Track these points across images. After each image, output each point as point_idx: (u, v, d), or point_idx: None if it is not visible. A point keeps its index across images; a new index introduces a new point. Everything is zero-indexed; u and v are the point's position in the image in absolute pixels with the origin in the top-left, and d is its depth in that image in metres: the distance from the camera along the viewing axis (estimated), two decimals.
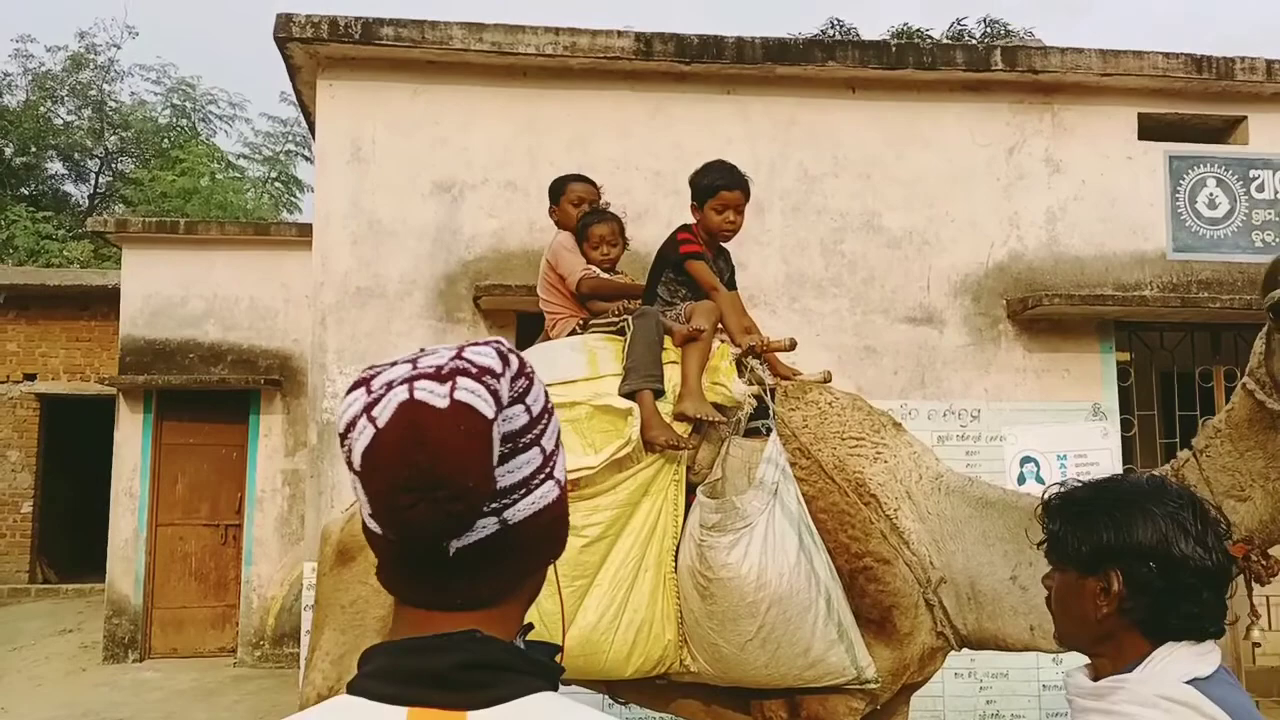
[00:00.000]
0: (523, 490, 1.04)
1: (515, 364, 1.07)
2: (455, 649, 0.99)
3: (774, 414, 3.39)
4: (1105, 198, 7.22)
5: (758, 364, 3.53)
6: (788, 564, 3.11)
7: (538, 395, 1.09)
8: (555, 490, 1.07)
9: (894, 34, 19.86)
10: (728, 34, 6.94)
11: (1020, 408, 6.98)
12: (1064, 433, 6.91)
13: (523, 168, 6.76)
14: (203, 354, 10.61)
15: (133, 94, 24.53)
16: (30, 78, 23.00)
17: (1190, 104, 7.39)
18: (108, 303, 12.23)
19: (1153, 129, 7.37)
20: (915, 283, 7.05)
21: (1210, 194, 7.32)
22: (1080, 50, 7.12)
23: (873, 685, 3.20)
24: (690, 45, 6.88)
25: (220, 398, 10.55)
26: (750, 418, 3.41)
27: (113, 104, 23.78)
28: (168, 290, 10.62)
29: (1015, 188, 7.19)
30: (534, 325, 4.71)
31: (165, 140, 23.59)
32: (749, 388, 3.42)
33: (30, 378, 13.76)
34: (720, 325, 3.61)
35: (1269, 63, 7.26)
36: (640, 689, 3.47)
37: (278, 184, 24.14)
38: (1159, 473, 3.26)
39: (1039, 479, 6.79)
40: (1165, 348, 7.33)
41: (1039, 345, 7.07)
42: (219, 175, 22.43)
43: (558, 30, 6.79)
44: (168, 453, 10.60)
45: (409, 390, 0.98)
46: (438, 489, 0.95)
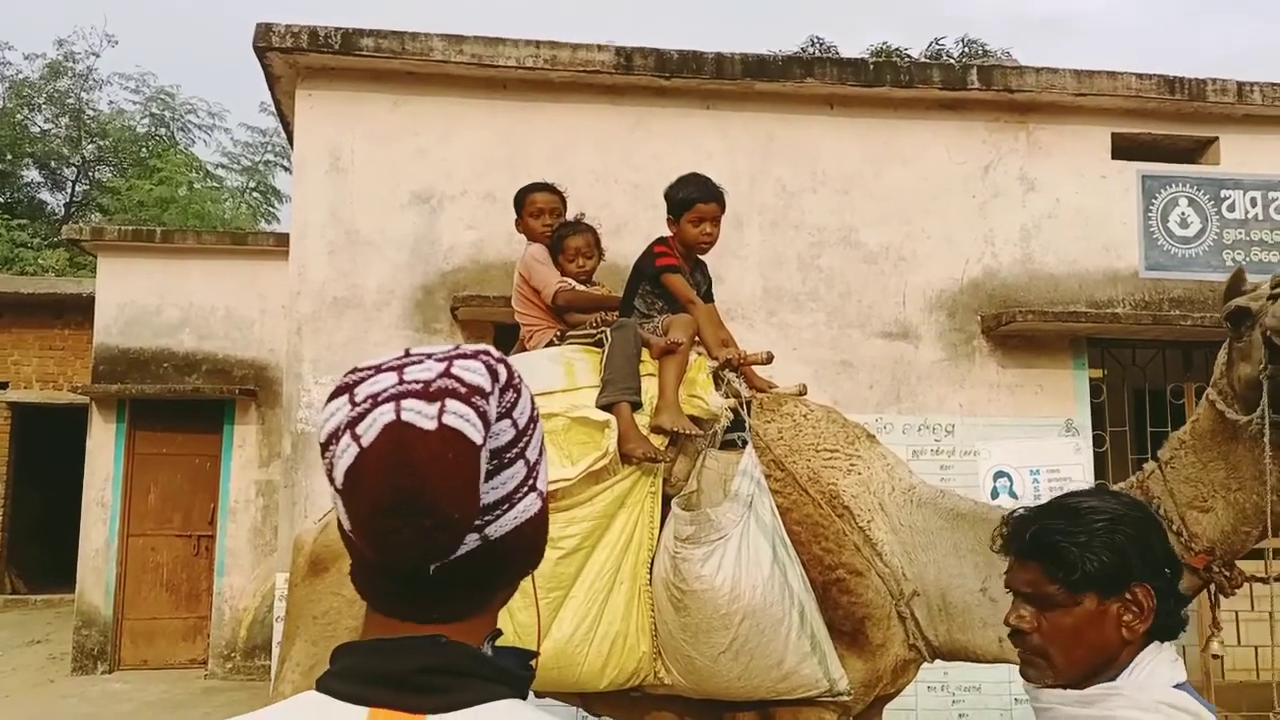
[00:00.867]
0: (506, 505, 1.02)
1: (504, 377, 1.05)
2: (418, 653, 0.99)
3: (750, 427, 3.41)
4: (1079, 216, 7.30)
5: (734, 377, 3.54)
6: (761, 576, 3.12)
7: (524, 407, 1.07)
8: (538, 502, 1.06)
9: (873, 53, 20.02)
10: (708, 50, 7.00)
11: (994, 423, 7.03)
12: (1037, 448, 6.96)
13: (502, 179, 6.75)
14: (177, 363, 10.54)
15: (111, 103, 24.40)
16: (7, 85, 22.86)
17: (1163, 124, 7.49)
18: (82, 311, 12.14)
19: (1126, 148, 7.46)
20: (891, 298, 7.10)
21: (1182, 213, 7.41)
22: (1055, 70, 7.21)
23: (845, 697, 3.21)
24: (670, 60, 6.92)
25: (194, 407, 10.47)
26: (726, 430, 3.42)
27: (91, 112, 23.65)
28: (143, 299, 10.55)
29: (990, 205, 7.26)
30: (511, 336, 4.70)
31: (143, 149, 23.47)
32: (726, 400, 3.43)
33: (2, 386, 13.62)
34: (697, 338, 3.62)
35: (1240, 85, 7.37)
36: (614, 701, 3.46)
37: (256, 194, 24.07)
38: (1123, 485, 3.30)
39: (1012, 494, 6.84)
40: (1137, 365, 7.41)
41: (1013, 361, 7.13)
42: (197, 185, 22.34)
43: (538, 43, 6.82)
44: (140, 462, 10.51)
45: (395, 409, 0.96)
46: (423, 516, 0.94)
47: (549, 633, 3.16)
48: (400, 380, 0.99)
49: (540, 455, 1.09)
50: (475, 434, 0.96)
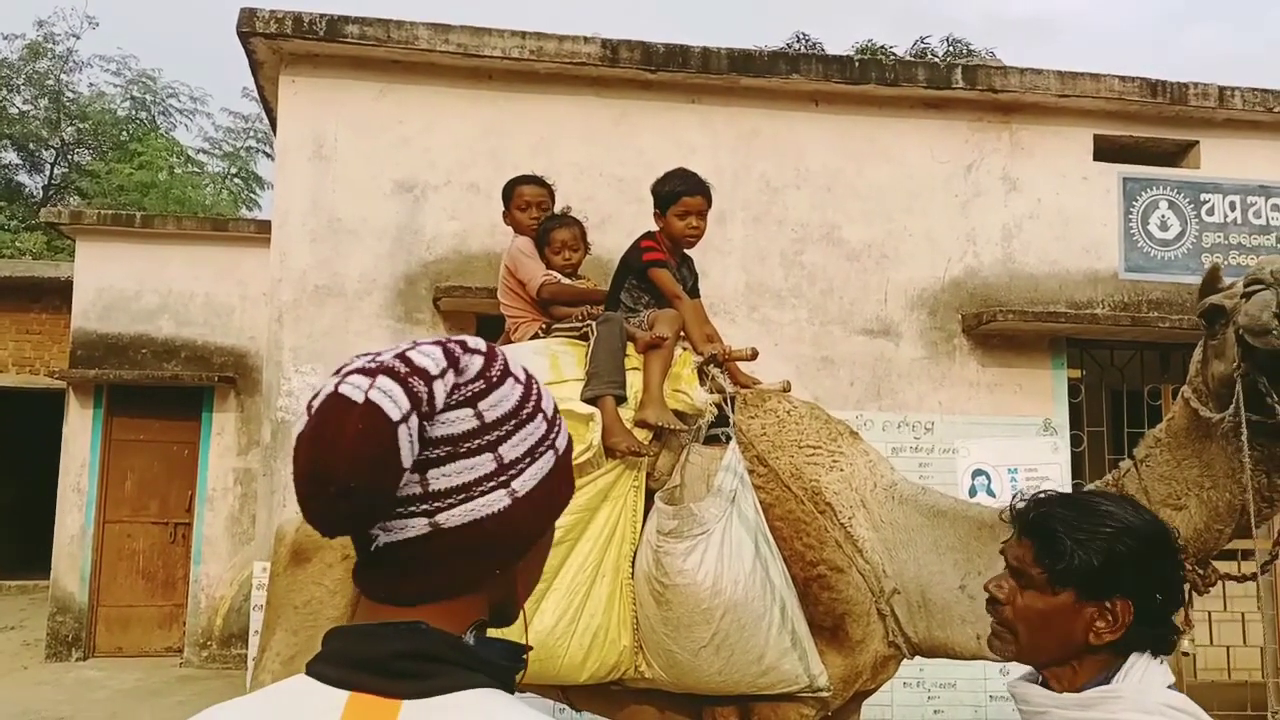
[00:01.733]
0: (461, 496, 1.03)
1: (473, 366, 1.06)
2: (397, 639, 1.00)
3: (733, 422, 3.42)
4: (1060, 217, 7.35)
5: (719, 372, 3.56)
6: (743, 571, 3.13)
7: (500, 401, 1.07)
8: (505, 500, 1.05)
9: (858, 50, 20.06)
10: (694, 44, 6.99)
11: (973, 421, 7.07)
12: (1015, 447, 7.00)
13: (486, 170, 6.74)
14: (156, 349, 10.47)
15: (91, 85, 24.19)
16: None
17: (1145, 127, 7.54)
18: (60, 295, 12.03)
19: (1108, 150, 7.51)
20: (873, 295, 7.13)
21: (1162, 216, 7.47)
22: (1039, 71, 7.25)
23: (825, 693, 3.23)
24: (656, 53, 6.91)
25: (173, 394, 10.41)
26: (711, 425, 3.43)
27: (70, 94, 23.42)
28: (122, 284, 10.47)
29: (972, 205, 7.29)
30: (494, 327, 4.70)
31: (124, 133, 23.27)
32: (710, 396, 3.45)
33: None
34: (682, 333, 3.63)
35: (1221, 89, 7.43)
36: (595, 695, 3.47)
37: (237, 180, 23.93)
38: (1099, 483, 3.33)
39: (990, 492, 6.88)
40: (1115, 365, 7.47)
41: (992, 360, 7.17)
42: (178, 169, 22.19)
43: (524, 34, 6.80)
44: (117, 449, 10.44)
45: (339, 383, 1.00)
46: (329, 484, 0.97)
47: (531, 624, 3.17)
48: (368, 360, 1.03)
49: (528, 458, 1.08)
50: (394, 410, 0.98)
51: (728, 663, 3.15)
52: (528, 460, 1.08)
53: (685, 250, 3.92)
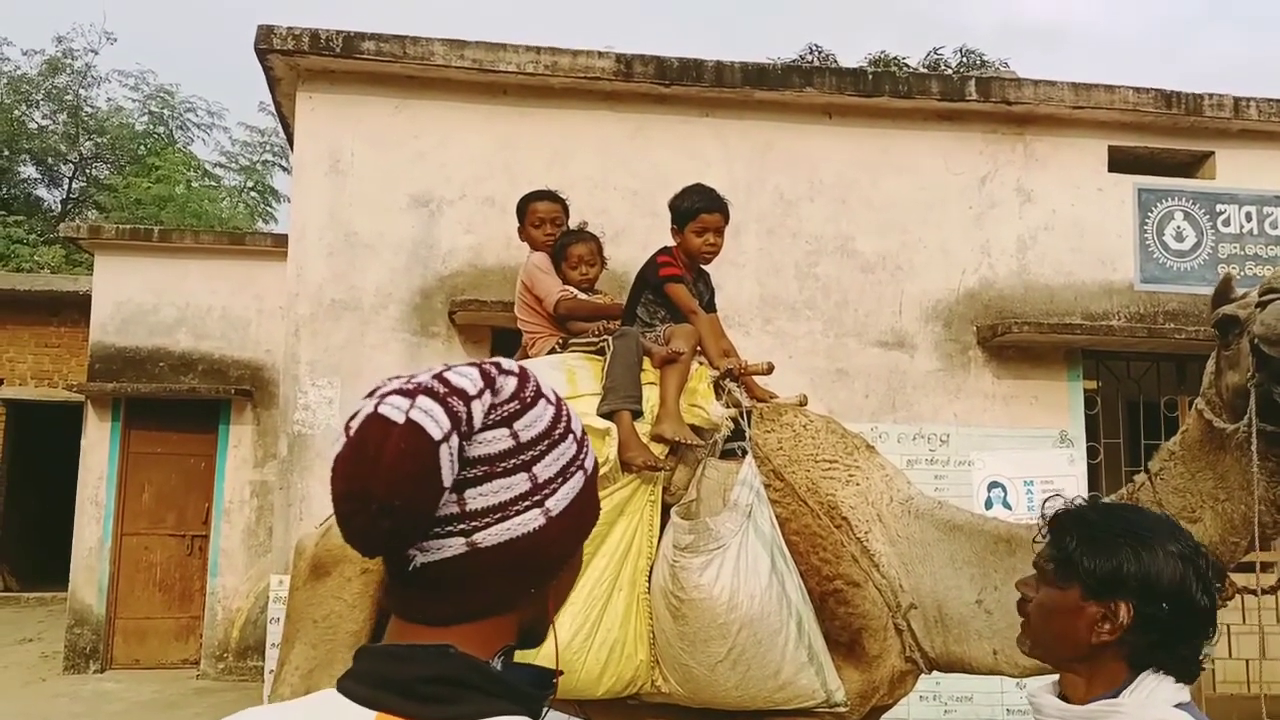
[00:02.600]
0: (498, 515, 1.04)
1: (508, 387, 1.08)
2: (424, 663, 1.01)
3: (749, 436, 3.42)
4: (1075, 228, 7.34)
5: (735, 387, 3.56)
6: (759, 586, 3.14)
7: (534, 421, 1.08)
8: (540, 519, 1.06)
9: (871, 61, 20.06)
10: (707, 58, 7.02)
11: (988, 433, 7.06)
12: (1031, 459, 6.99)
13: (501, 184, 6.78)
14: (173, 363, 10.54)
15: (109, 100, 24.32)
16: (5, 81, 22.78)
17: (1160, 138, 7.53)
18: (78, 309, 12.12)
19: (1122, 161, 7.50)
20: (887, 307, 7.13)
21: (1177, 227, 7.45)
22: (1053, 83, 7.25)
23: (842, 708, 3.22)
24: (670, 68, 6.94)
25: (190, 407, 10.47)
26: (727, 440, 3.44)
27: (89, 109, 23.59)
28: (139, 298, 10.55)
29: (987, 216, 7.29)
30: (510, 341, 4.73)
31: (141, 147, 23.41)
32: (726, 410, 3.45)
33: None
34: (699, 348, 3.64)
35: (1236, 100, 7.42)
36: (612, 709, 3.47)
37: (254, 193, 24.04)
38: (1114, 498, 3.32)
39: (1006, 504, 6.87)
40: (1132, 377, 7.44)
41: (1008, 372, 7.16)
42: (195, 183, 22.30)
43: (539, 49, 6.84)
44: (135, 461, 10.50)
45: (377, 404, 1.01)
46: (370, 502, 0.98)
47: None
48: (406, 381, 1.05)
49: (560, 477, 1.09)
50: (435, 430, 0.99)
51: (744, 677, 3.15)
52: (560, 480, 1.09)
53: (702, 266, 3.93)
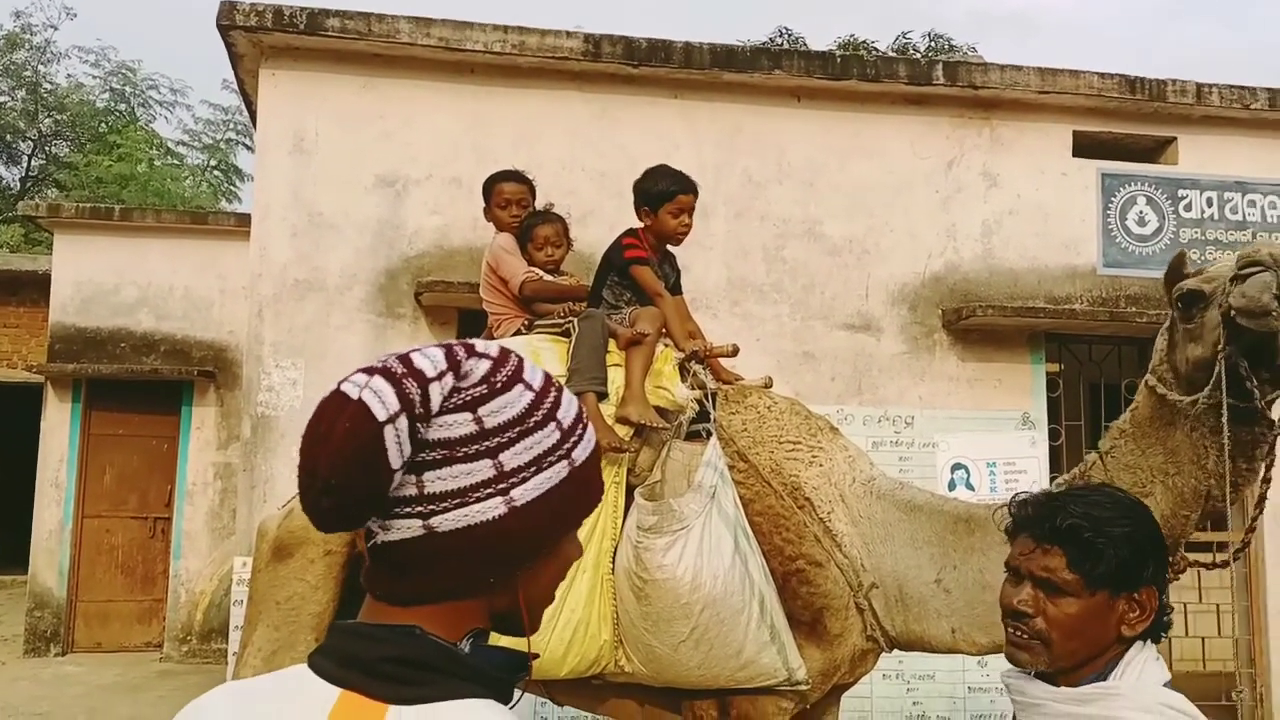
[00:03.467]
0: (456, 500, 1.03)
1: (477, 371, 1.06)
2: (389, 643, 1.01)
3: (714, 418, 3.44)
4: (1039, 212, 7.40)
5: (700, 369, 3.57)
6: (722, 566, 3.16)
7: (503, 407, 1.07)
8: (500, 508, 1.04)
9: (841, 45, 20.09)
10: (676, 39, 6.99)
11: (953, 415, 7.12)
12: (994, 441, 7.06)
13: (468, 164, 6.73)
14: (135, 343, 10.42)
15: (69, 76, 23.96)
16: None
17: (1123, 123, 7.59)
18: (38, 289, 11.94)
19: (1087, 146, 7.56)
20: (854, 290, 7.16)
21: (1140, 212, 7.52)
22: (1019, 68, 7.29)
23: (803, 686, 3.25)
24: (639, 48, 6.91)
25: (152, 388, 10.37)
26: (692, 421, 3.45)
27: (48, 86, 23.20)
28: (100, 277, 10.42)
29: (953, 200, 7.33)
30: (476, 322, 4.71)
31: (102, 124, 23.07)
32: (691, 392, 3.46)
33: None
34: (664, 330, 3.64)
35: (1199, 86, 7.49)
36: (576, 689, 3.49)
37: (217, 172, 23.77)
38: (1066, 477, 3.37)
39: (969, 486, 6.93)
40: (1094, 360, 7.52)
41: (972, 355, 7.22)
42: (157, 162, 22.02)
43: (506, 28, 6.79)
44: (96, 443, 10.39)
45: (342, 381, 1.02)
46: (318, 478, 1.00)
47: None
48: (379, 360, 1.05)
49: (533, 467, 1.07)
50: (381, 411, 0.99)
51: (707, 657, 3.17)
52: (532, 470, 1.07)
53: (668, 247, 3.93)
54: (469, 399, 1.05)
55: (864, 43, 20.76)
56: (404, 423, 1.00)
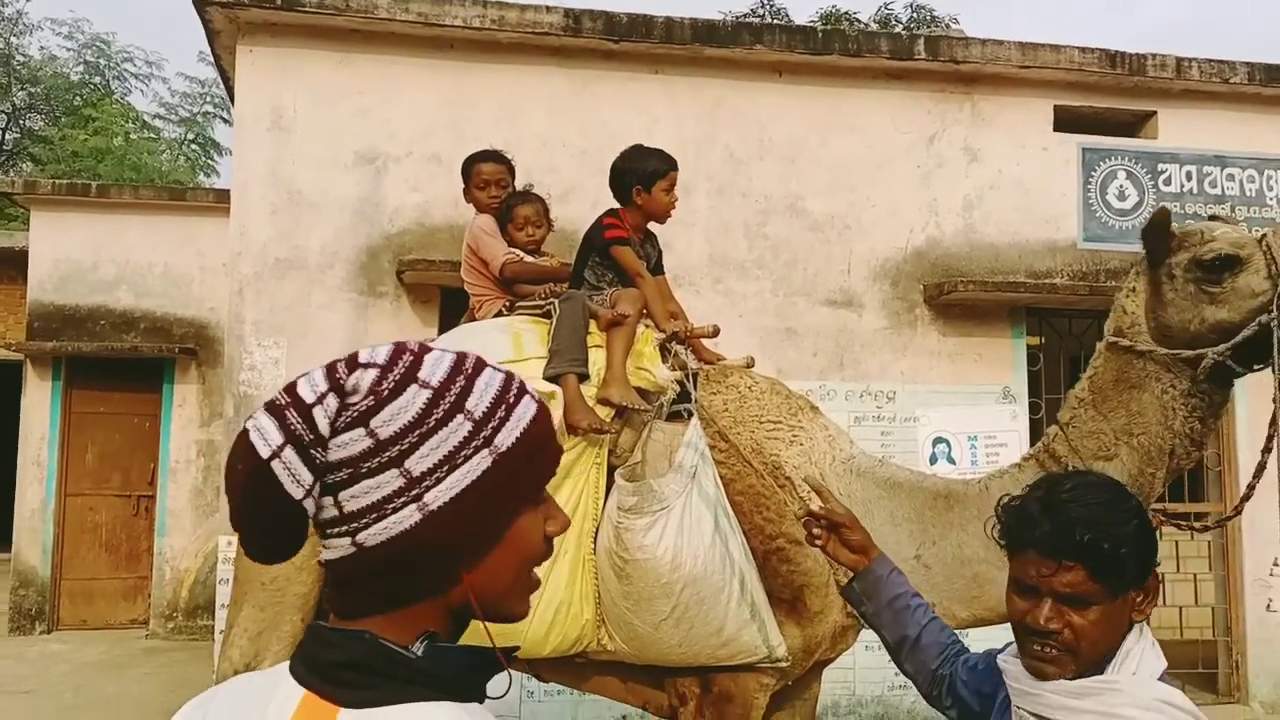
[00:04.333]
0: (374, 514, 1.04)
1: (363, 383, 1.06)
2: (339, 648, 1.04)
3: (695, 399, 3.45)
4: (1020, 187, 7.42)
5: (682, 349, 3.58)
6: (703, 546, 3.18)
7: (396, 415, 1.05)
8: (415, 516, 1.04)
9: (822, 17, 20.02)
10: (657, 13, 6.96)
11: (934, 390, 7.17)
12: (975, 415, 7.12)
13: (447, 141, 6.70)
14: (114, 321, 10.36)
15: (42, 48, 23.60)
16: None
17: (1104, 98, 7.61)
18: (15, 266, 11.84)
19: (1067, 121, 7.57)
20: (836, 266, 7.18)
21: (1120, 186, 7.56)
22: (1000, 42, 7.29)
23: (784, 663, 3.29)
24: (619, 23, 6.88)
25: (132, 366, 10.32)
26: (673, 402, 3.46)
27: (20, 58, 22.86)
28: (78, 255, 10.34)
29: (934, 175, 7.34)
30: (458, 300, 4.70)
31: (77, 98, 22.77)
32: (672, 373, 3.47)
33: None
34: (645, 311, 3.65)
35: (1179, 60, 7.51)
36: (560, 667, 3.52)
37: (194, 146, 23.53)
38: (1030, 452, 3.41)
39: (950, 460, 6.99)
40: (1074, 334, 7.57)
41: (953, 330, 7.26)
42: (133, 135, 21.78)
43: (485, 3, 6.74)
44: (77, 421, 10.35)
45: (249, 417, 1.07)
46: (238, 519, 1.07)
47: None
48: (299, 381, 1.09)
49: (444, 467, 1.05)
50: (264, 447, 1.03)
51: (688, 635, 3.20)
52: (444, 469, 1.05)
53: (648, 227, 3.93)
54: (357, 414, 1.04)
55: (846, 14, 20.69)
56: (290, 454, 1.02)
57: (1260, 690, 7.42)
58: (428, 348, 1.13)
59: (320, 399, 1.04)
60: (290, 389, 1.06)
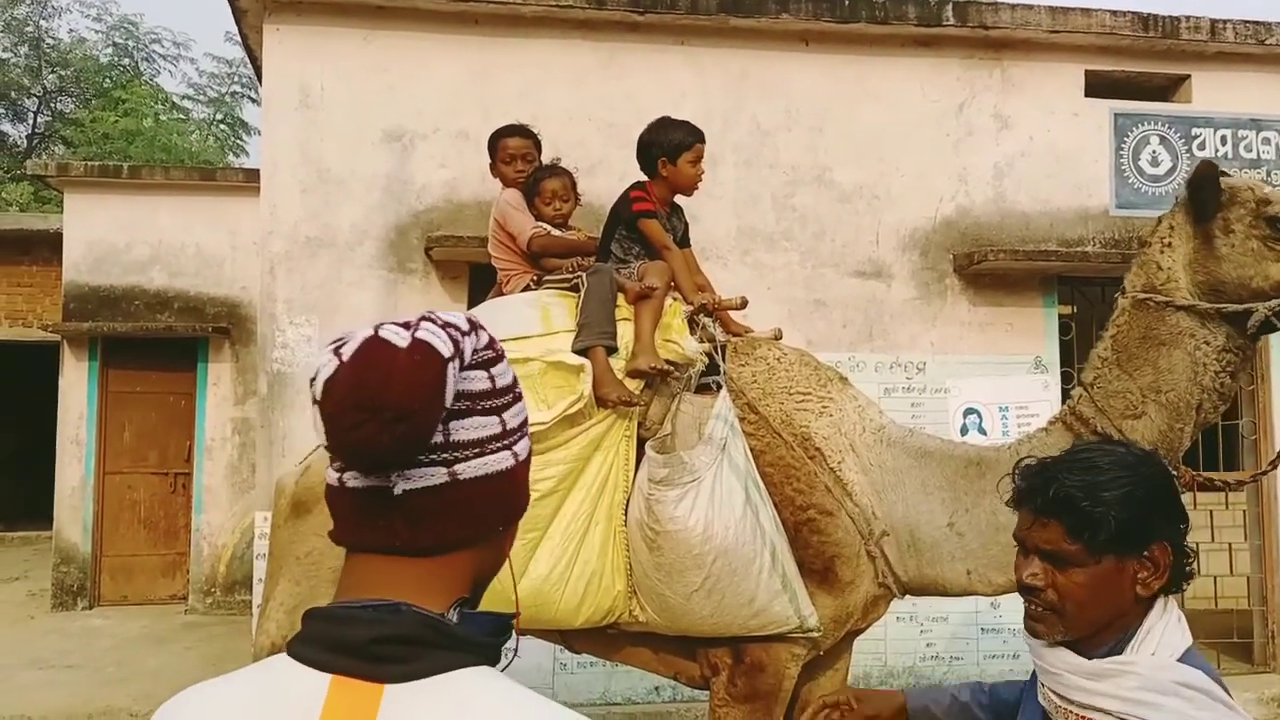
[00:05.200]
0: (476, 450, 1.09)
1: (485, 337, 1.15)
2: (376, 623, 1.02)
3: (724, 371, 3.46)
4: (1051, 154, 7.33)
5: (709, 321, 3.58)
6: (734, 517, 3.19)
7: (505, 372, 1.17)
8: (510, 460, 1.13)
9: None
10: None
11: (965, 360, 7.12)
12: (1006, 385, 7.07)
13: (474, 117, 6.70)
14: (148, 301, 10.48)
15: (71, 31, 23.90)
16: None
17: (1136, 62, 7.49)
18: (50, 247, 11.99)
19: (1099, 86, 7.47)
20: (865, 237, 7.13)
21: (1153, 151, 7.45)
22: (1030, 6, 7.18)
23: (815, 633, 3.30)
24: None
25: (167, 345, 10.44)
26: (701, 374, 3.47)
27: (50, 41, 23.06)
28: (111, 236, 10.45)
29: (964, 143, 7.27)
30: (487, 276, 4.72)
31: (106, 80, 22.95)
32: (701, 345, 3.48)
33: None
34: (673, 284, 3.65)
35: (1213, 22, 7.38)
36: (592, 638, 3.55)
37: (223, 125, 23.67)
38: (1056, 415, 3.38)
39: (981, 430, 6.96)
40: (1106, 302, 7.46)
41: (984, 299, 7.20)
42: (163, 117, 21.94)
43: None
44: (114, 400, 10.49)
45: (375, 330, 1.07)
46: (384, 410, 1.01)
47: (526, 572, 3.23)
48: (393, 321, 1.10)
49: (522, 430, 1.17)
50: (444, 347, 1.05)
51: (719, 606, 3.22)
52: (521, 432, 1.17)
53: (675, 200, 3.93)
54: (484, 359, 1.13)
55: None
56: (455, 366, 1.07)
57: None
58: None
59: (469, 332, 1.12)
60: (436, 317, 1.11)
